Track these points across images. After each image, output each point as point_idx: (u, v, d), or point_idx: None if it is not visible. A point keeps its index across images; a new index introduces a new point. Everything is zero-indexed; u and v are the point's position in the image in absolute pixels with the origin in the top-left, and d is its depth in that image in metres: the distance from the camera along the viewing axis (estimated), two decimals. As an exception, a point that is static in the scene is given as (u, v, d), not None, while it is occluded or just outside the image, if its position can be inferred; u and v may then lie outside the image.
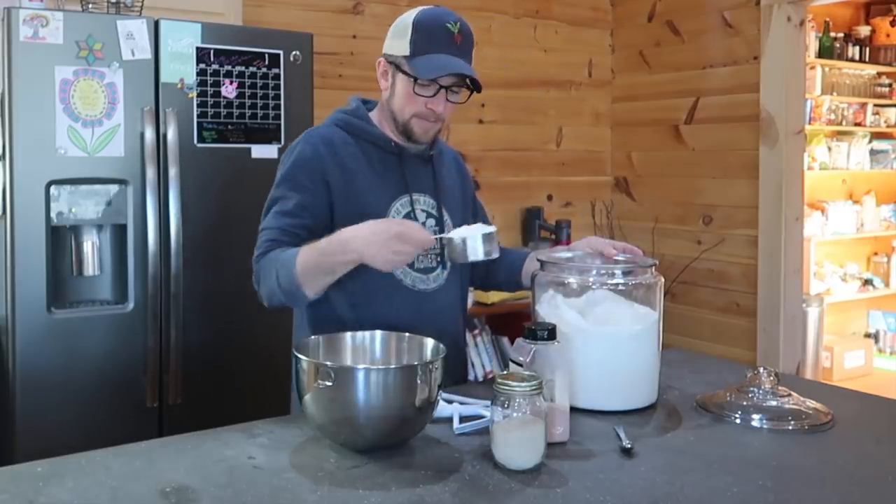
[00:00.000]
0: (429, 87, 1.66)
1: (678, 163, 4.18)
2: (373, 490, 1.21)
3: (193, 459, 1.30)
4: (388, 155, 1.75)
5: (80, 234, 2.47)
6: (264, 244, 1.67)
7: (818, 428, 1.49)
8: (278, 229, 1.67)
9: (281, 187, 1.71)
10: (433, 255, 1.76)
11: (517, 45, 4.15)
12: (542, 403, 1.31)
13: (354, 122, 1.77)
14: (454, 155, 1.96)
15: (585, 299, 1.61)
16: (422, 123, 1.71)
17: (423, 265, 1.75)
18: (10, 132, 2.31)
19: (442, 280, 1.77)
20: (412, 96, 1.68)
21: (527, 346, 1.40)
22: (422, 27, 1.66)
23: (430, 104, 1.68)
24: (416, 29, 1.66)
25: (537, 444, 1.30)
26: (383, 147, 1.75)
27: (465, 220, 1.83)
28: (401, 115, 1.72)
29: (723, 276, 3.97)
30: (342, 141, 1.74)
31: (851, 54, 5.24)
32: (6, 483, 1.23)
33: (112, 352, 2.43)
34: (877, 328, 5.58)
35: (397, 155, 1.75)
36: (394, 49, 1.70)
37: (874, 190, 5.48)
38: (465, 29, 1.68)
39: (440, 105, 1.68)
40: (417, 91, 1.67)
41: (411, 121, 1.71)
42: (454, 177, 1.90)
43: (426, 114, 1.69)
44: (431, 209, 1.78)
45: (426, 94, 1.67)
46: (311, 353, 1.45)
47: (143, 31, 2.43)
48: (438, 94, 1.67)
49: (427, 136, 1.74)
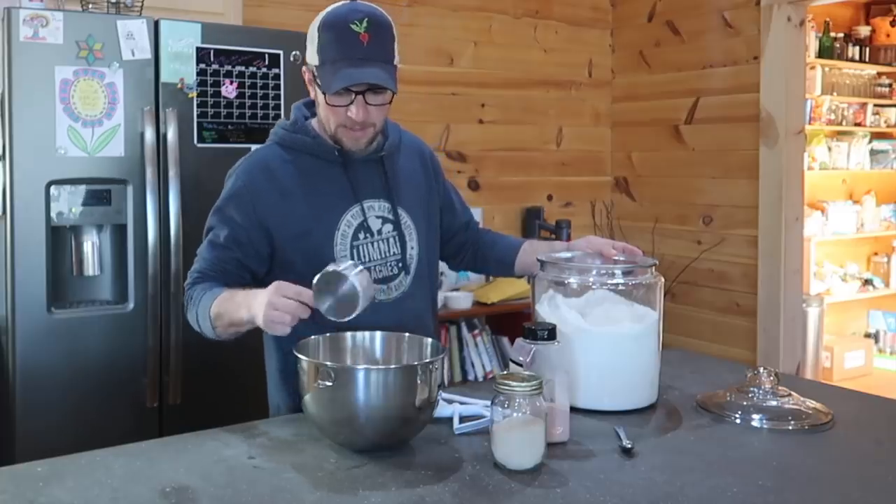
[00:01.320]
0: (343, 97, 1.57)
1: (678, 163, 4.18)
2: (373, 490, 1.21)
3: (193, 459, 1.30)
4: (331, 165, 1.67)
5: (80, 234, 2.47)
6: (193, 275, 1.69)
7: (818, 428, 1.49)
8: (208, 261, 1.68)
9: (215, 216, 1.70)
10: (393, 262, 1.70)
11: (517, 45, 4.15)
12: (542, 404, 1.31)
13: (291, 137, 1.69)
14: (419, 145, 1.85)
15: (585, 299, 1.61)
16: (348, 133, 1.63)
17: (382, 274, 1.69)
18: (10, 132, 2.30)
19: (405, 287, 1.71)
20: (330, 108, 1.60)
21: (527, 346, 1.40)
22: (325, 32, 1.57)
23: (349, 113, 1.59)
24: (321, 34, 1.58)
25: (537, 444, 1.30)
26: (325, 157, 1.67)
27: (429, 216, 1.79)
28: (328, 127, 1.65)
29: (723, 276, 3.97)
30: (280, 161, 1.67)
31: (851, 54, 5.24)
32: (6, 483, 1.23)
33: (112, 352, 2.43)
34: (877, 328, 5.58)
35: (341, 163, 1.67)
36: (308, 57, 1.63)
37: (874, 190, 5.48)
38: (374, 25, 1.55)
39: (360, 113, 1.58)
40: (331, 102, 1.59)
41: (338, 132, 1.63)
42: (416, 171, 1.81)
43: (349, 122, 1.60)
44: (387, 213, 1.71)
45: (342, 104, 1.58)
46: (311, 353, 1.45)
47: (143, 31, 2.43)
48: (355, 101, 1.57)
49: (358, 144, 1.65)
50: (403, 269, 1.72)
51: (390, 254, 1.70)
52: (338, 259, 1.63)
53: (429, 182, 1.83)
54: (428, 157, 1.86)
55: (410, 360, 1.49)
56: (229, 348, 2.61)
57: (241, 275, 1.67)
